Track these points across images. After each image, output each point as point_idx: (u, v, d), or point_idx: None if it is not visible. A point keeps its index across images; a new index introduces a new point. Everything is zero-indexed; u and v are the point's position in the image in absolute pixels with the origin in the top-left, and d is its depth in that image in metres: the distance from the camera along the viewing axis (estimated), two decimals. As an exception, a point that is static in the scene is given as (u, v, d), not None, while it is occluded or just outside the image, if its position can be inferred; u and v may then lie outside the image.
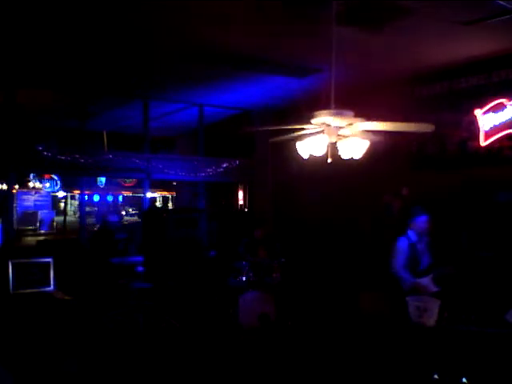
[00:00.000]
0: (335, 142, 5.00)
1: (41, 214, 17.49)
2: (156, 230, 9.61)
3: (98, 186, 18.14)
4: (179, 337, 6.49)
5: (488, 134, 7.34)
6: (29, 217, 17.31)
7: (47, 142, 10.33)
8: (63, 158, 9.67)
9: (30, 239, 13.64)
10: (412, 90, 8.30)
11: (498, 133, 7.22)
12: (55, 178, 17.36)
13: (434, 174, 8.01)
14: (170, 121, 12.34)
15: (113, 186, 19.20)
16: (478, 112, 7.42)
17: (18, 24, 6.03)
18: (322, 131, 4.99)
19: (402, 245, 5.71)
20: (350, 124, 4.92)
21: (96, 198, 18.13)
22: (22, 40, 6.64)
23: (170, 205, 21.38)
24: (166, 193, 20.76)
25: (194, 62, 7.54)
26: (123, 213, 20.66)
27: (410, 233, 5.78)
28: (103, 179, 17.92)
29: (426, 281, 5.71)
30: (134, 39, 6.65)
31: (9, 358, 4.82)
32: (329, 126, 4.91)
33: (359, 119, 4.88)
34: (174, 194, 18.70)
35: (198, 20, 5.89)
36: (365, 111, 5.00)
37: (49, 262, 6.45)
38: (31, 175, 17.00)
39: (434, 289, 5.69)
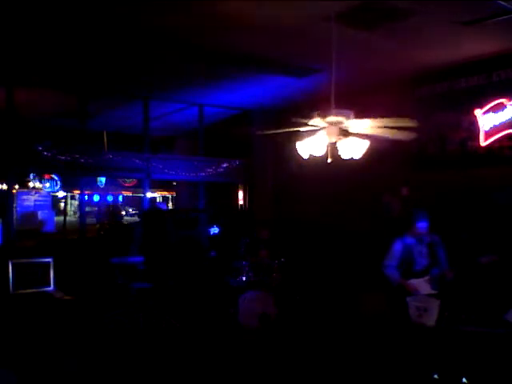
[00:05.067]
0: (335, 142, 5.01)
1: (41, 214, 17.45)
2: (156, 229, 9.60)
3: (98, 186, 18.16)
4: (179, 337, 6.48)
5: (488, 134, 7.34)
6: (29, 217, 17.26)
7: (47, 142, 10.31)
8: (63, 157, 9.66)
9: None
10: (412, 90, 8.29)
11: (498, 133, 7.22)
12: (55, 177, 17.35)
13: (434, 174, 8.01)
14: (170, 121, 12.33)
15: (113, 186, 19.22)
16: (478, 112, 7.41)
17: (18, 22, 6.02)
18: (322, 131, 5.00)
19: (395, 246, 5.91)
20: (350, 124, 4.93)
21: (96, 198, 18.15)
22: (22, 38, 6.64)
23: (170, 205, 21.38)
24: (166, 193, 20.78)
25: (194, 62, 7.54)
26: (123, 213, 20.66)
27: (407, 236, 5.89)
28: (103, 179, 17.93)
29: (417, 282, 5.69)
30: (134, 39, 6.64)
31: (8, 357, 4.82)
32: (329, 125, 4.92)
33: (359, 119, 4.89)
34: (174, 194, 18.71)
35: (198, 20, 5.89)
36: (365, 111, 5.01)
37: (49, 262, 6.46)
38: (31, 175, 16.98)
39: (429, 290, 5.65)
